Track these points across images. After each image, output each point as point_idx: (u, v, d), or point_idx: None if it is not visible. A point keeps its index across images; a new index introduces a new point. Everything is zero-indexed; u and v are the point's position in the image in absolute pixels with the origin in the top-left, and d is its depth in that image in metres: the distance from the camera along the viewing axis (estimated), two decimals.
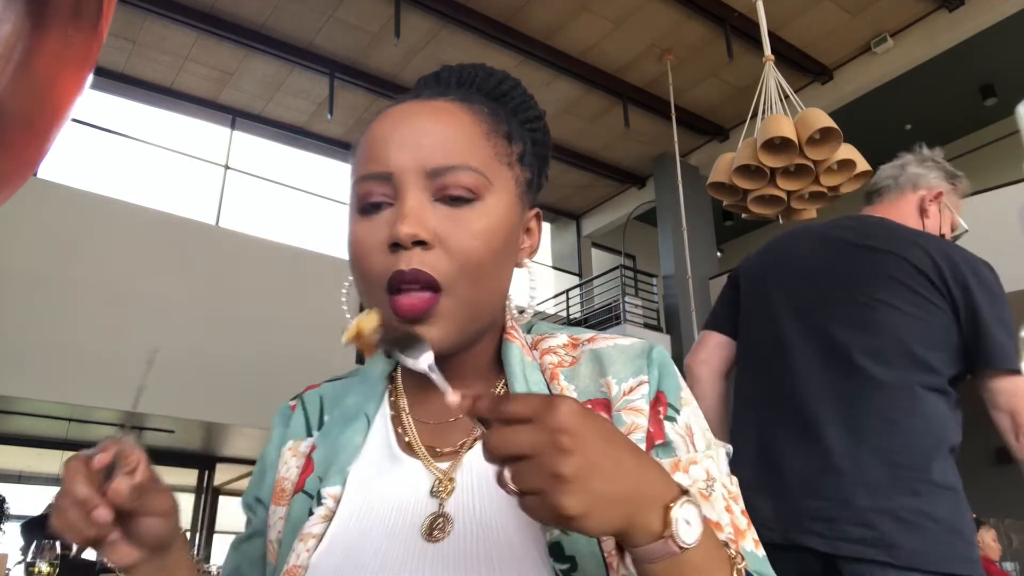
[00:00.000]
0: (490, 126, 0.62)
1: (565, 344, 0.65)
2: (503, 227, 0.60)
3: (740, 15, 6.32)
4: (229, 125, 7.60)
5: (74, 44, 0.48)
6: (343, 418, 0.65)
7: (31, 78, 0.45)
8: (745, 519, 0.57)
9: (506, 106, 0.67)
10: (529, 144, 0.67)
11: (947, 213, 1.58)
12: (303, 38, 6.66)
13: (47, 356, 5.68)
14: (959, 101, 7.77)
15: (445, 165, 0.58)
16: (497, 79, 0.69)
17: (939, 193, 1.58)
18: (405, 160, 0.58)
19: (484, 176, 0.59)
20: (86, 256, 6.08)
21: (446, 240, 0.57)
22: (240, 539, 0.70)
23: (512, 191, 0.62)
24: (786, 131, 3.32)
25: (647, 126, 7.78)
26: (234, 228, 7.13)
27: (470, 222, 0.58)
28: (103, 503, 0.50)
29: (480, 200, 0.58)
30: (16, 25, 0.43)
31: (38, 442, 7.69)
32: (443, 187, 0.58)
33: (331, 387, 0.71)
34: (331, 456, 0.62)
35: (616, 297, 8.20)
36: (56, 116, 0.49)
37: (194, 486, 8.74)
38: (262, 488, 0.68)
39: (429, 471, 0.59)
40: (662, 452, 0.57)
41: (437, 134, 0.59)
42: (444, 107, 0.61)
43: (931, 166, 1.60)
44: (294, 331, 6.81)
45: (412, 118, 0.60)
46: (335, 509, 0.59)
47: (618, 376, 0.60)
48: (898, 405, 1.31)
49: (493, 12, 6.37)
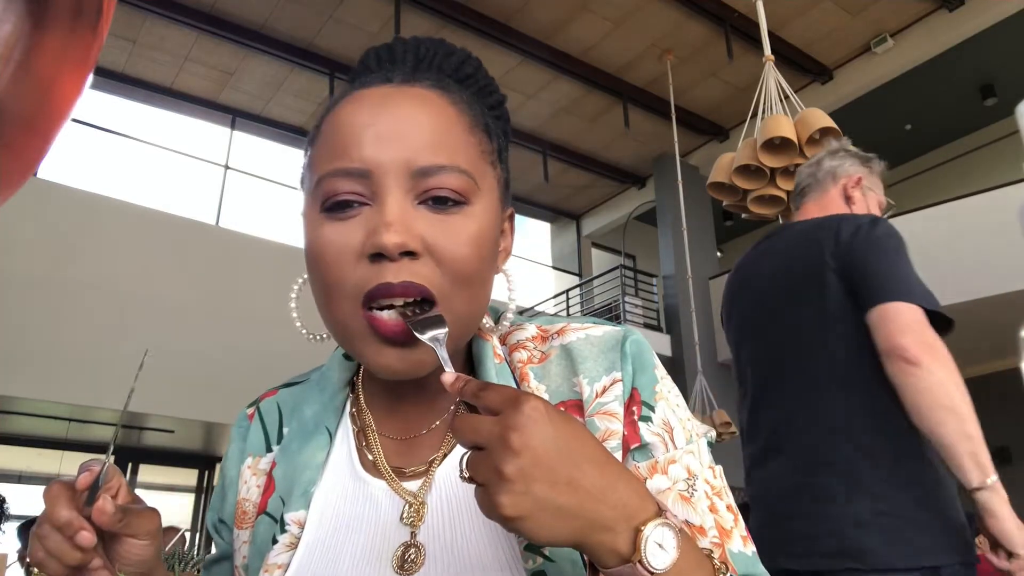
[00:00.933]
0: (471, 119, 0.56)
1: (534, 336, 0.60)
2: (490, 233, 0.54)
3: (740, 15, 6.32)
4: (229, 125, 7.60)
5: (74, 44, 0.48)
6: (303, 432, 0.61)
7: (31, 78, 0.45)
8: (731, 515, 0.54)
9: (469, 89, 0.60)
10: (502, 137, 0.61)
11: (871, 194, 1.63)
12: (303, 38, 6.66)
13: (47, 356, 5.68)
14: (959, 101, 7.77)
15: (433, 165, 0.51)
16: (459, 59, 0.61)
17: (859, 179, 1.63)
18: (387, 157, 0.51)
19: (471, 177, 0.53)
20: (86, 256, 6.08)
21: (435, 249, 0.51)
22: (210, 561, 0.68)
23: (496, 193, 0.56)
24: (786, 131, 3.32)
25: (647, 126, 7.78)
26: (234, 228, 7.12)
27: (459, 229, 0.52)
28: (87, 526, 0.48)
29: (468, 204, 0.52)
30: (16, 25, 0.43)
31: (38, 442, 7.69)
32: (428, 189, 0.51)
33: (288, 393, 0.67)
34: (292, 475, 0.58)
35: (616, 297, 8.20)
36: (56, 116, 0.49)
37: (194, 486, 8.75)
38: (224, 509, 0.65)
39: (397, 494, 0.56)
40: (639, 455, 0.54)
41: (423, 128, 0.52)
42: (425, 96, 0.54)
43: (843, 156, 1.66)
44: (294, 331, 6.78)
45: (392, 107, 0.53)
46: (299, 536, 0.56)
47: (590, 375, 0.55)
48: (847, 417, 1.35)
49: (493, 12, 6.37)
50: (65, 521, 0.48)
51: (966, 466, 1.23)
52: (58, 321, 5.77)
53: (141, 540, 0.52)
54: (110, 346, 5.93)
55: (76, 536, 0.48)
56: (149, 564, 0.54)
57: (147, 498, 0.53)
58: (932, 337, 1.30)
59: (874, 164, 1.66)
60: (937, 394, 1.25)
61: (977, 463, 1.23)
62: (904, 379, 1.29)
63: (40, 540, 0.49)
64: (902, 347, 1.29)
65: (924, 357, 1.27)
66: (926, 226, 5.74)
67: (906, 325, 1.30)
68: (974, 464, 1.23)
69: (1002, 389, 6.19)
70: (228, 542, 0.64)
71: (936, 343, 1.30)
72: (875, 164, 1.67)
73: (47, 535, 0.48)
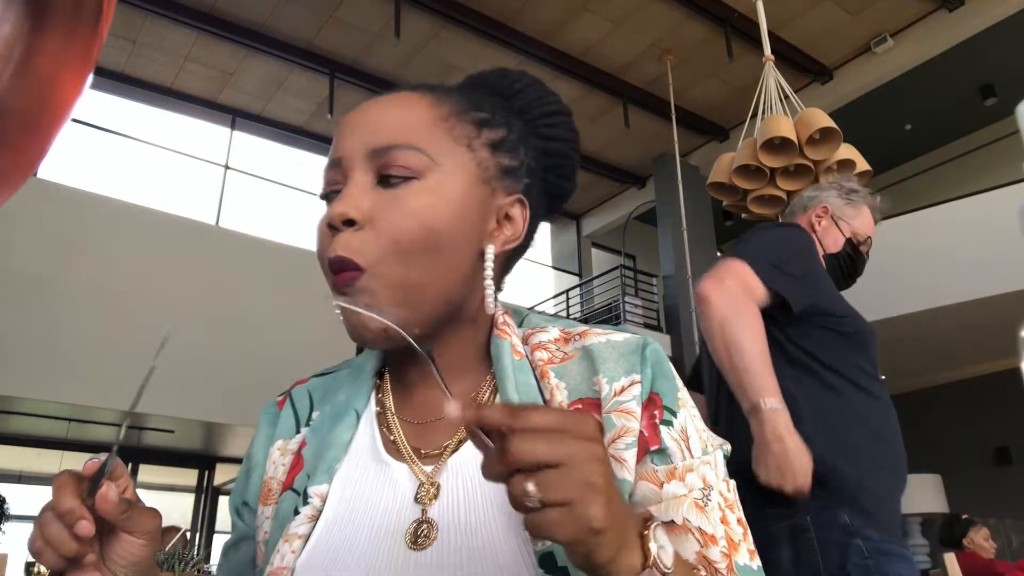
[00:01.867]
0: (454, 110, 0.61)
1: (556, 339, 0.63)
2: (447, 208, 0.57)
3: (740, 15, 6.32)
4: (229, 125, 7.60)
5: (74, 44, 0.48)
6: (333, 414, 0.64)
7: (31, 78, 0.45)
8: (741, 528, 0.56)
9: (514, 103, 0.67)
10: (528, 137, 0.65)
11: (844, 224, 1.69)
12: (303, 38, 6.66)
13: (47, 356, 5.68)
14: (959, 101, 7.77)
15: (385, 145, 0.58)
16: (511, 78, 0.69)
17: (825, 207, 1.71)
18: (352, 144, 0.59)
19: (426, 154, 0.58)
20: (86, 256, 6.08)
21: (377, 220, 0.56)
22: (228, 545, 0.69)
23: (470, 173, 0.60)
24: (786, 131, 3.32)
25: (647, 126, 7.78)
26: (234, 228, 7.12)
27: (405, 200, 0.57)
28: (87, 516, 0.48)
29: (420, 179, 0.57)
30: (16, 25, 0.43)
31: (38, 442, 7.69)
32: (383, 166, 0.57)
33: (320, 382, 0.70)
34: (319, 453, 0.61)
35: (616, 297, 8.20)
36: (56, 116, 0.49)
37: (194, 486, 8.75)
38: (248, 490, 0.66)
39: (414, 475, 0.58)
40: (658, 459, 0.55)
41: (382, 117, 0.60)
42: (401, 95, 0.62)
43: (827, 188, 1.76)
44: (294, 331, 6.81)
45: (366, 107, 0.61)
46: (321, 509, 0.58)
47: (609, 375, 0.57)
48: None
49: (493, 12, 6.37)
50: (67, 509, 0.47)
51: (737, 394, 1.34)
52: (58, 321, 5.77)
53: (139, 540, 0.52)
54: (110, 346, 5.93)
55: (75, 525, 0.48)
56: (143, 567, 0.53)
57: (147, 498, 0.53)
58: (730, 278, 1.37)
59: (856, 198, 1.72)
60: (720, 331, 1.34)
61: (744, 391, 1.32)
62: (700, 321, 1.41)
63: (41, 527, 0.49)
64: (698, 286, 1.40)
65: (712, 294, 1.36)
66: (926, 226, 5.74)
67: (714, 271, 1.40)
68: (742, 392, 1.32)
69: (1002, 389, 6.19)
70: (249, 524, 0.66)
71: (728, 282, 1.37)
72: (858, 196, 1.73)
73: (48, 523, 0.48)
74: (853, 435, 1.35)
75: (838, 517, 1.27)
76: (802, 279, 1.44)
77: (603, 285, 8.76)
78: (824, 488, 1.27)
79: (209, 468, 8.73)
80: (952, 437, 6.90)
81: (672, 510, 0.53)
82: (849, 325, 1.46)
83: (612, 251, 9.92)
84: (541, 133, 0.67)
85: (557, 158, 0.68)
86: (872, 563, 1.23)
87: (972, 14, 6.36)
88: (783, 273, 1.41)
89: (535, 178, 0.66)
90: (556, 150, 0.68)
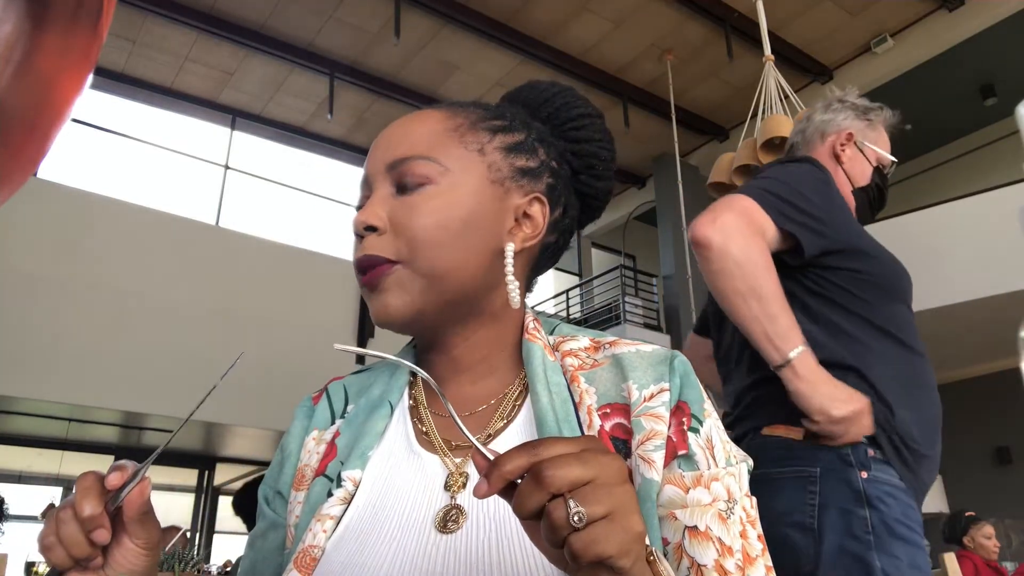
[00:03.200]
0: (467, 120, 0.66)
1: (587, 347, 0.66)
2: (460, 206, 0.62)
3: (740, 15, 6.32)
4: (229, 125, 7.60)
5: (74, 44, 0.48)
6: (368, 406, 0.67)
7: (31, 78, 0.45)
8: (760, 544, 0.57)
9: (541, 111, 0.72)
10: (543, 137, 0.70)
11: (869, 151, 1.48)
12: (303, 38, 6.66)
13: (47, 356, 5.68)
14: (959, 101, 7.76)
15: (398, 158, 0.63)
16: (540, 89, 0.74)
17: (849, 134, 1.48)
18: (375, 161, 0.65)
19: (438, 163, 0.63)
20: (86, 256, 6.08)
21: (396, 224, 0.62)
22: (255, 535, 0.70)
23: (480, 175, 0.64)
24: (786, 131, 3.32)
25: (647, 126, 7.78)
26: (234, 228, 7.12)
27: (419, 204, 0.62)
28: (106, 524, 0.49)
29: (432, 184, 0.62)
30: (16, 25, 0.43)
31: (38, 442, 7.69)
32: (399, 176, 0.63)
33: (355, 378, 0.74)
34: (353, 441, 0.64)
35: (616, 297, 8.20)
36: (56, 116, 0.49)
37: (194, 486, 8.75)
38: (280, 480, 0.69)
39: (444, 465, 0.61)
40: (685, 464, 0.57)
41: (400, 134, 0.65)
42: (420, 113, 0.67)
43: (838, 108, 1.51)
44: (294, 331, 6.81)
45: (390, 127, 0.67)
46: (354, 493, 0.61)
47: (639, 382, 0.60)
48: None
49: (493, 12, 6.37)
50: (89, 515, 0.49)
51: (764, 348, 1.16)
52: (58, 321, 5.77)
53: (142, 549, 0.53)
54: (110, 346, 5.93)
55: (94, 532, 0.49)
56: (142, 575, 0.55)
57: None
58: (728, 213, 1.19)
59: (875, 115, 1.51)
60: (731, 276, 1.16)
61: (772, 343, 1.15)
62: (700, 266, 1.21)
63: (57, 524, 0.50)
64: (692, 228, 1.20)
65: (714, 235, 1.17)
66: (926, 226, 5.73)
67: (709, 209, 1.21)
68: (770, 345, 1.15)
69: (1002, 389, 6.19)
70: (280, 513, 0.68)
71: (727, 217, 1.18)
72: (877, 115, 1.52)
73: (66, 521, 0.49)
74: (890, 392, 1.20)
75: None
76: (819, 220, 1.25)
77: (603, 285, 8.76)
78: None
79: (209, 468, 8.72)
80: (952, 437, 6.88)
81: (696, 517, 0.55)
82: (877, 266, 1.28)
83: (612, 251, 9.92)
84: (569, 136, 0.72)
85: (588, 159, 0.72)
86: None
87: (972, 14, 6.37)
88: (797, 211, 1.23)
89: (560, 179, 0.70)
90: (585, 151, 0.72)
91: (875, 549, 1.10)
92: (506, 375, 0.66)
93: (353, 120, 7.75)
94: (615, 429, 0.59)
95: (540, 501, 0.39)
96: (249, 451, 8.25)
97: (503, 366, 0.66)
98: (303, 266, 7.14)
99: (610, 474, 0.40)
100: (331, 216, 8.01)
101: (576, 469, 0.39)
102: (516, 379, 0.65)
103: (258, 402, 6.39)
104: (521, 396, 0.64)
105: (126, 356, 5.99)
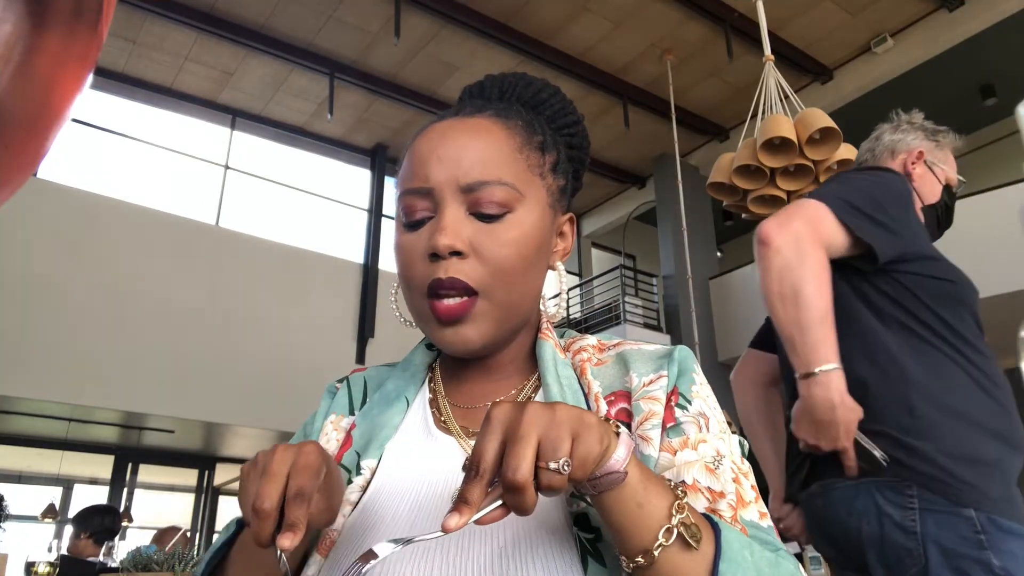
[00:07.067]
0: (524, 139, 0.67)
1: (594, 346, 0.70)
2: (534, 235, 0.64)
3: (740, 15, 6.32)
4: (229, 125, 7.60)
5: (74, 44, 0.48)
6: (384, 400, 0.70)
7: (31, 78, 0.45)
8: (754, 492, 0.59)
9: (542, 114, 0.73)
10: (563, 151, 0.72)
11: (939, 169, 1.53)
12: (303, 38, 6.66)
13: (47, 356, 5.68)
14: (959, 101, 7.76)
15: (479, 181, 0.62)
16: (536, 88, 0.74)
17: (920, 153, 1.52)
18: (443, 176, 0.63)
19: (515, 189, 0.63)
20: (86, 256, 6.08)
21: (479, 249, 0.62)
22: None
23: (543, 200, 0.66)
24: (786, 131, 3.32)
25: (647, 126, 7.78)
26: (234, 228, 7.13)
27: (502, 233, 0.62)
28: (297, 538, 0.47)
29: (511, 212, 0.63)
30: (16, 25, 0.43)
31: (38, 442, 7.69)
32: (477, 201, 0.62)
33: (375, 371, 0.77)
34: (370, 433, 0.66)
35: (616, 297, 8.20)
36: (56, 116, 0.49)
37: (194, 486, 8.75)
38: None
39: (461, 447, 0.63)
40: (672, 433, 0.60)
41: (472, 150, 0.63)
42: (481, 124, 0.66)
43: (907, 129, 1.56)
44: (294, 331, 6.81)
45: (451, 135, 0.65)
46: (370, 480, 0.63)
47: (640, 372, 0.64)
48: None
49: (493, 12, 6.37)
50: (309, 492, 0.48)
51: (792, 353, 1.17)
52: (58, 321, 5.77)
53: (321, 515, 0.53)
54: (110, 346, 5.94)
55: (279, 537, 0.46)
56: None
57: (147, 498, 0.53)
58: (798, 220, 1.19)
59: (943, 137, 1.56)
60: (778, 279, 1.17)
61: (798, 353, 1.16)
62: (757, 262, 1.21)
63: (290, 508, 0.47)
64: (759, 227, 1.20)
65: (776, 236, 1.18)
66: None
67: (782, 211, 1.22)
68: (795, 353, 1.16)
69: None
70: None
71: (795, 223, 1.18)
72: (944, 137, 1.56)
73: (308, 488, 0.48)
74: (956, 393, 1.22)
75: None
76: (894, 228, 1.26)
77: (603, 285, 8.76)
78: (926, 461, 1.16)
79: (209, 468, 8.73)
80: None
81: (684, 472, 0.57)
82: (945, 273, 1.30)
83: (612, 251, 9.92)
84: (565, 142, 0.74)
85: (575, 164, 0.75)
86: (985, 537, 1.11)
87: (972, 14, 6.37)
88: (871, 220, 1.24)
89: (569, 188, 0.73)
90: (575, 157, 0.75)
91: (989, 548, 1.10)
92: (521, 376, 0.69)
93: (353, 120, 7.75)
94: (619, 414, 0.62)
95: (531, 496, 0.43)
96: (249, 451, 8.24)
97: (521, 368, 0.70)
98: (303, 266, 7.14)
99: (538, 417, 0.44)
100: (331, 216, 8.01)
101: (524, 447, 0.43)
102: (532, 376, 0.69)
103: (258, 402, 6.39)
104: (535, 390, 0.67)
105: (126, 356, 5.99)
